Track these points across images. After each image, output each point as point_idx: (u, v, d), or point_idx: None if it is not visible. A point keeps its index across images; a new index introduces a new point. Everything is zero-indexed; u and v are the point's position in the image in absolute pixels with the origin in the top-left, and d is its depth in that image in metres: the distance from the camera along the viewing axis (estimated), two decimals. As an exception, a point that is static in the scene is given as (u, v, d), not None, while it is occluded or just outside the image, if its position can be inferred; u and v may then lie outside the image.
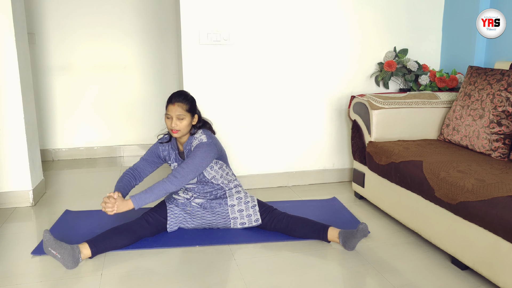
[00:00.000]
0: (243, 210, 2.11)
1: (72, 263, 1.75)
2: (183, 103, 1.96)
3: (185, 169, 1.92)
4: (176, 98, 1.97)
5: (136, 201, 1.87)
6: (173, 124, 1.94)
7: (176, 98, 1.97)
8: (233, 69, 2.68)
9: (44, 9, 3.43)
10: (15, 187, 2.48)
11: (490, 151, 2.08)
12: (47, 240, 1.73)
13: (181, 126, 1.96)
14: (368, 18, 2.85)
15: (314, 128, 2.90)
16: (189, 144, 2.03)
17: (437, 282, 1.70)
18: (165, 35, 3.70)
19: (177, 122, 1.95)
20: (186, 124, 1.97)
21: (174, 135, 1.98)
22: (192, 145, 2.02)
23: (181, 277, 1.74)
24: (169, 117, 1.96)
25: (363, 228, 1.90)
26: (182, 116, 1.95)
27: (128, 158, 3.72)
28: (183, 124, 1.96)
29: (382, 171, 2.25)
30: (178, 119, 1.95)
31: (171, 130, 1.97)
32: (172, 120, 1.95)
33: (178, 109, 1.95)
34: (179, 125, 1.95)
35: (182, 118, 1.95)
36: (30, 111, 2.57)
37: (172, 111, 1.95)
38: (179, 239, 2.02)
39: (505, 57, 2.51)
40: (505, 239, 1.49)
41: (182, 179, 1.92)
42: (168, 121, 1.97)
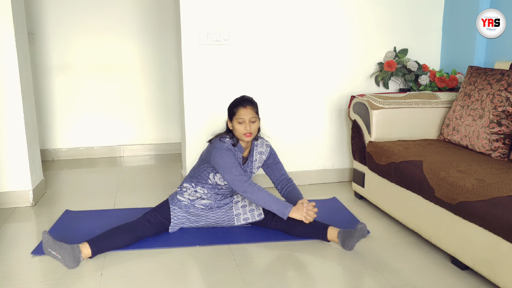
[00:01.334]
0: (246, 206, 2.12)
1: (73, 262, 1.75)
2: (253, 106, 1.99)
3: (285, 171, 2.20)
4: (247, 101, 1.97)
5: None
6: (247, 127, 1.94)
7: (247, 101, 1.97)
8: (233, 69, 2.68)
9: (44, 9, 3.43)
10: (15, 187, 2.48)
11: (490, 151, 2.08)
12: (46, 241, 1.73)
13: (254, 129, 1.97)
14: (368, 18, 2.85)
15: (314, 128, 2.90)
16: (253, 149, 2.09)
17: (437, 282, 1.70)
18: (165, 35, 3.70)
19: (251, 125, 1.95)
20: (257, 126, 1.99)
21: (247, 139, 1.97)
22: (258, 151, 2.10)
23: (181, 277, 1.74)
24: (241, 121, 1.94)
25: (361, 228, 1.90)
26: (254, 119, 1.97)
27: (128, 158, 3.72)
28: (255, 126, 1.98)
29: (382, 171, 2.25)
30: (251, 122, 1.95)
31: (244, 135, 1.95)
32: (245, 124, 1.94)
33: (252, 112, 1.96)
34: (252, 128, 1.96)
35: (254, 121, 1.97)
36: (30, 111, 2.57)
37: (245, 115, 1.94)
38: (179, 239, 2.02)
39: (505, 57, 2.51)
40: (505, 239, 1.49)
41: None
42: (240, 126, 1.95)
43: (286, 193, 2.13)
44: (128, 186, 2.90)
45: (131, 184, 2.95)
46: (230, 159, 1.94)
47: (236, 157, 2.02)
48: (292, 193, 2.10)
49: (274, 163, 2.17)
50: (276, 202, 1.91)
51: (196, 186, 2.06)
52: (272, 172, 2.17)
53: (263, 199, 1.91)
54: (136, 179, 3.08)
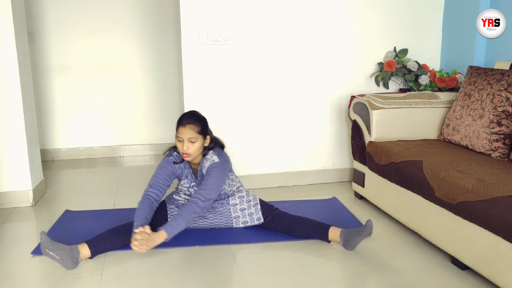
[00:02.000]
0: (245, 209, 2.11)
1: (72, 263, 1.75)
2: (195, 124, 1.88)
3: (206, 191, 1.88)
4: (187, 119, 1.88)
5: (169, 231, 1.77)
6: (184, 147, 1.87)
7: (187, 119, 1.88)
8: (233, 69, 2.68)
9: (44, 9, 3.43)
10: (15, 187, 2.48)
11: (490, 151, 2.08)
12: (44, 242, 1.72)
13: (193, 149, 1.89)
14: (368, 18, 2.85)
15: (314, 128, 2.90)
16: (202, 166, 1.98)
17: (437, 282, 1.70)
18: (165, 35, 3.70)
19: (189, 145, 1.87)
20: (198, 147, 1.90)
21: (186, 159, 1.92)
22: (204, 166, 1.97)
23: (181, 277, 1.74)
24: (180, 140, 1.88)
25: (370, 225, 1.89)
26: (193, 139, 1.88)
27: (128, 158, 3.72)
28: (195, 147, 1.89)
29: (382, 171, 2.25)
30: (190, 142, 1.88)
31: (182, 154, 1.90)
32: (183, 143, 1.87)
33: (190, 132, 1.87)
34: (191, 149, 1.88)
35: (193, 141, 1.88)
36: (30, 111, 2.57)
37: (183, 134, 1.87)
38: (179, 239, 2.02)
39: (505, 57, 2.51)
40: (505, 239, 1.49)
41: (207, 201, 1.88)
42: (179, 144, 1.89)
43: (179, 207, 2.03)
44: (128, 186, 2.91)
45: (131, 184, 2.95)
46: (159, 170, 1.98)
47: (183, 172, 2.01)
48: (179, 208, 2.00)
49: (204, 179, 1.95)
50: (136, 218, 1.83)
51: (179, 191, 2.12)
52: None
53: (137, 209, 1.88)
54: (136, 179, 3.07)
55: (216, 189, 1.91)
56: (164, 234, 1.77)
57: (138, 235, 1.73)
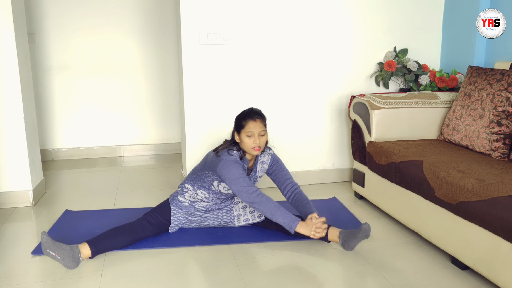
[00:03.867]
0: (246, 207, 2.12)
1: (73, 263, 1.75)
2: (263, 119, 1.94)
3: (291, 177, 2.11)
4: (256, 114, 1.93)
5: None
6: (256, 141, 1.90)
7: (257, 114, 1.93)
8: (233, 69, 2.68)
9: (44, 9, 3.43)
10: (15, 187, 2.48)
11: (490, 151, 2.08)
12: (45, 241, 1.72)
13: (262, 142, 1.93)
14: (368, 18, 2.85)
15: (314, 128, 2.90)
16: (257, 160, 2.04)
17: (437, 282, 1.70)
18: (165, 35, 3.70)
19: (260, 138, 1.91)
20: (265, 140, 1.95)
21: (255, 153, 1.93)
22: (263, 161, 2.06)
23: (181, 277, 1.74)
24: (250, 134, 1.90)
25: (366, 228, 1.89)
26: (263, 133, 1.93)
27: (128, 158, 3.72)
28: (264, 140, 1.94)
29: (382, 171, 2.25)
30: (260, 135, 1.92)
31: (253, 148, 1.91)
32: (254, 137, 1.90)
33: (260, 125, 1.92)
34: (261, 142, 1.92)
35: (263, 135, 1.93)
36: (30, 111, 2.57)
37: (255, 128, 1.90)
38: (179, 239, 2.02)
39: (505, 57, 2.51)
40: (505, 239, 1.49)
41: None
42: (249, 140, 1.90)
43: (294, 201, 2.07)
44: (128, 186, 2.90)
45: (131, 184, 2.95)
46: (237, 170, 1.90)
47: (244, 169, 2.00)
48: (300, 202, 2.04)
49: (278, 170, 2.10)
50: (283, 215, 1.87)
51: (198, 189, 2.04)
52: (276, 179, 2.11)
53: (270, 210, 1.87)
54: (136, 179, 3.07)
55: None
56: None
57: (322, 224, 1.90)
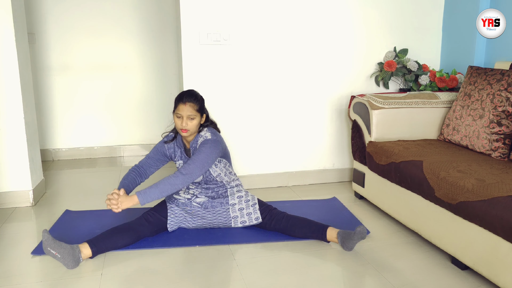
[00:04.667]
0: (243, 209, 2.11)
1: (73, 262, 1.75)
2: (194, 103, 1.98)
3: (191, 165, 1.93)
4: (187, 97, 1.97)
5: (142, 196, 1.87)
6: (183, 123, 1.96)
7: (188, 98, 1.97)
8: (233, 69, 2.68)
9: (44, 9, 3.43)
10: (15, 187, 2.48)
11: (490, 151, 2.08)
12: (46, 240, 1.73)
13: (191, 125, 1.97)
14: (368, 18, 2.85)
15: (314, 128, 2.90)
16: (195, 142, 2.04)
17: (437, 282, 1.70)
18: (165, 35, 3.70)
19: (188, 121, 1.96)
20: (196, 123, 1.99)
21: (183, 134, 2.00)
22: (197, 143, 2.03)
23: (181, 277, 1.74)
24: (179, 116, 1.97)
25: (360, 230, 1.88)
26: (193, 116, 1.97)
27: (128, 158, 3.72)
28: (193, 123, 1.98)
29: (382, 171, 2.25)
30: (189, 118, 1.96)
31: (180, 130, 1.99)
32: (182, 119, 1.96)
33: (189, 109, 1.96)
34: (189, 125, 1.97)
35: (192, 118, 1.97)
36: (30, 111, 2.57)
37: (183, 111, 1.96)
38: (179, 239, 2.02)
39: (505, 57, 2.51)
40: (505, 239, 1.49)
41: (189, 175, 1.92)
42: (178, 120, 1.98)
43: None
44: (128, 186, 2.90)
45: (131, 184, 2.95)
46: (154, 152, 2.14)
47: (174, 151, 2.11)
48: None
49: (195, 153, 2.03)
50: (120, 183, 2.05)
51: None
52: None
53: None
54: (136, 179, 3.07)
55: (202, 166, 1.94)
56: (135, 198, 1.88)
57: (111, 195, 1.90)
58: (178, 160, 2.12)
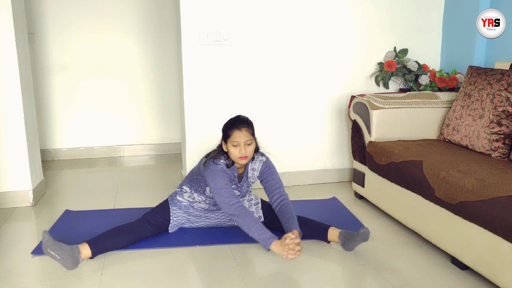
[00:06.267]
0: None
1: (72, 263, 1.75)
2: (249, 128, 1.91)
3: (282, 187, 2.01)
4: (242, 123, 1.89)
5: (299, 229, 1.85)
6: (243, 150, 1.87)
7: (242, 123, 1.89)
8: (233, 69, 2.68)
9: (44, 9, 3.43)
10: (15, 187, 2.48)
11: (490, 151, 2.08)
12: (46, 241, 1.72)
13: (250, 151, 1.90)
14: (368, 18, 2.85)
15: (314, 128, 2.90)
16: (247, 167, 2.00)
17: (437, 282, 1.70)
18: (165, 35, 3.70)
19: (246, 148, 1.88)
20: (252, 149, 1.92)
21: (242, 162, 1.90)
22: (253, 168, 2.01)
23: (181, 277, 1.74)
24: (236, 144, 1.87)
25: (364, 232, 1.88)
26: (250, 142, 1.89)
27: (128, 158, 3.72)
28: (251, 149, 1.90)
29: (382, 171, 2.25)
30: (246, 144, 1.88)
31: (239, 158, 1.88)
32: (240, 146, 1.87)
33: (246, 134, 1.88)
34: (248, 151, 1.88)
35: (249, 144, 1.89)
36: (30, 111, 2.57)
37: (240, 137, 1.87)
38: (179, 239, 2.02)
39: (505, 57, 2.51)
40: (505, 239, 1.49)
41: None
42: (235, 150, 1.87)
43: (279, 213, 1.98)
44: (128, 186, 2.90)
45: (131, 184, 2.95)
46: (221, 180, 1.88)
47: (231, 178, 1.97)
48: (284, 215, 1.93)
49: (269, 178, 2.01)
50: (260, 231, 1.80)
51: (194, 192, 2.04)
52: (266, 186, 2.03)
53: (248, 224, 1.81)
54: (136, 179, 3.07)
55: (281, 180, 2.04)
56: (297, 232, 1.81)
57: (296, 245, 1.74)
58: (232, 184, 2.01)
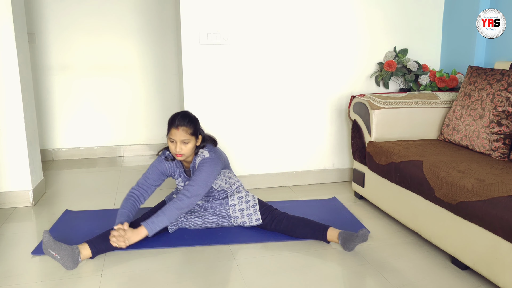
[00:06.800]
0: (243, 209, 2.11)
1: (72, 263, 1.75)
2: (187, 126, 1.89)
3: (194, 187, 1.90)
4: (179, 121, 1.88)
5: (150, 227, 1.83)
6: (177, 148, 1.89)
7: (180, 121, 1.88)
8: (233, 69, 2.68)
9: (44, 9, 3.43)
10: (15, 187, 2.48)
11: (490, 151, 2.08)
12: (47, 241, 1.72)
13: (186, 150, 1.90)
14: (368, 18, 2.85)
15: (314, 128, 2.90)
16: (194, 162, 1.99)
17: (437, 282, 1.70)
18: (165, 35, 3.70)
19: (182, 146, 1.89)
20: (190, 147, 1.92)
21: (178, 159, 1.94)
22: (196, 163, 1.98)
23: (181, 277, 1.74)
24: (172, 141, 1.90)
25: (363, 233, 1.88)
26: (186, 140, 1.89)
27: (128, 158, 3.72)
28: (188, 147, 1.91)
29: (382, 171, 2.25)
30: (183, 143, 1.89)
31: (175, 155, 1.92)
32: (176, 144, 1.89)
33: (183, 134, 1.88)
34: (184, 149, 1.90)
35: (186, 142, 1.90)
36: (30, 111, 2.57)
37: (176, 136, 1.88)
38: (179, 239, 2.02)
39: (505, 57, 2.51)
40: (505, 239, 1.49)
41: (194, 197, 1.89)
42: (172, 145, 1.91)
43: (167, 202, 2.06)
44: (128, 186, 2.88)
45: (131, 184, 2.93)
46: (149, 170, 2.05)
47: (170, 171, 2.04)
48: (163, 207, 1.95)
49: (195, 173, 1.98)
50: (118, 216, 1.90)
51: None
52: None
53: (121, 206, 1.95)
54: (136, 179, 3.05)
55: (204, 184, 1.92)
56: (144, 230, 1.83)
57: (116, 232, 1.81)
58: (178, 178, 2.07)
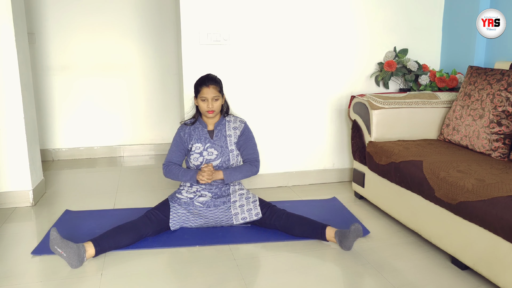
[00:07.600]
0: (244, 205, 2.13)
1: (77, 262, 1.75)
2: (216, 85, 2.10)
3: (257, 153, 2.22)
4: (210, 81, 2.09)
5: (227, 175, 2.09)
6: (210, 105, 2.09)
7: (210, 81, 2.09)
8: (233, 69, 2.68)
9: (44, 9, 3.43)
10: (15, 187, 2.48)
11: (490, 151, 2.08)
12: (54, 238, 1.73)
13: (216, 106, 2.11)
14: (368, 19, 2.85)
15: (314, 128, 2.90)
16: (220, 124, 2.18)
17: (437, 282, 1.70)
18: (165, 35, 3.70)
19: (213, 103, 2.09)
20: (220, 104, 2.13)
21: (210, 116, 2.12)
22: (229, 127, 2.18)
23: (181, 277, 1.74)
24: (204, 99, 2.09)
25: (355, 228, 1.88)
26: (217, 97, 2.10)
27: (128, 158, 3.72)
28: (218, 104, 2.11)
29: (382, 171, 2.25)
30: (214, 100, 2.09)
31: (207, 112, 2.10)
32: (208, 101, 2.08)
33: (214, 91, 2.08)
34: (215, 106, 2.10)
35: (217, 99, 2.10)
36: (30, 111, 2.57)
37: (208, 93, 2.07)
38: (180, 239, 2.02)
39: (505, 57, 2.51)
40: (505, 239, 1.49)
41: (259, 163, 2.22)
42: (203, 103, 2.09)
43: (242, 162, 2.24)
44: (128, 186, 2.90)
45: (131, 184, 2.95)
46: (174, 143, 2.19)
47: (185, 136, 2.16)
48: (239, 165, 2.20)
49: (245, 141, 2.21)
50: (185, 174, 2.10)
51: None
52: (242, 150, 2.22)
53: (174, 174, 2.13)
54: (136, 179, 3.07)
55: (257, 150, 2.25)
56: (221, 174, 2.10)
57: (206, 167, 2.05)
58: (196, 143, 2.15)
